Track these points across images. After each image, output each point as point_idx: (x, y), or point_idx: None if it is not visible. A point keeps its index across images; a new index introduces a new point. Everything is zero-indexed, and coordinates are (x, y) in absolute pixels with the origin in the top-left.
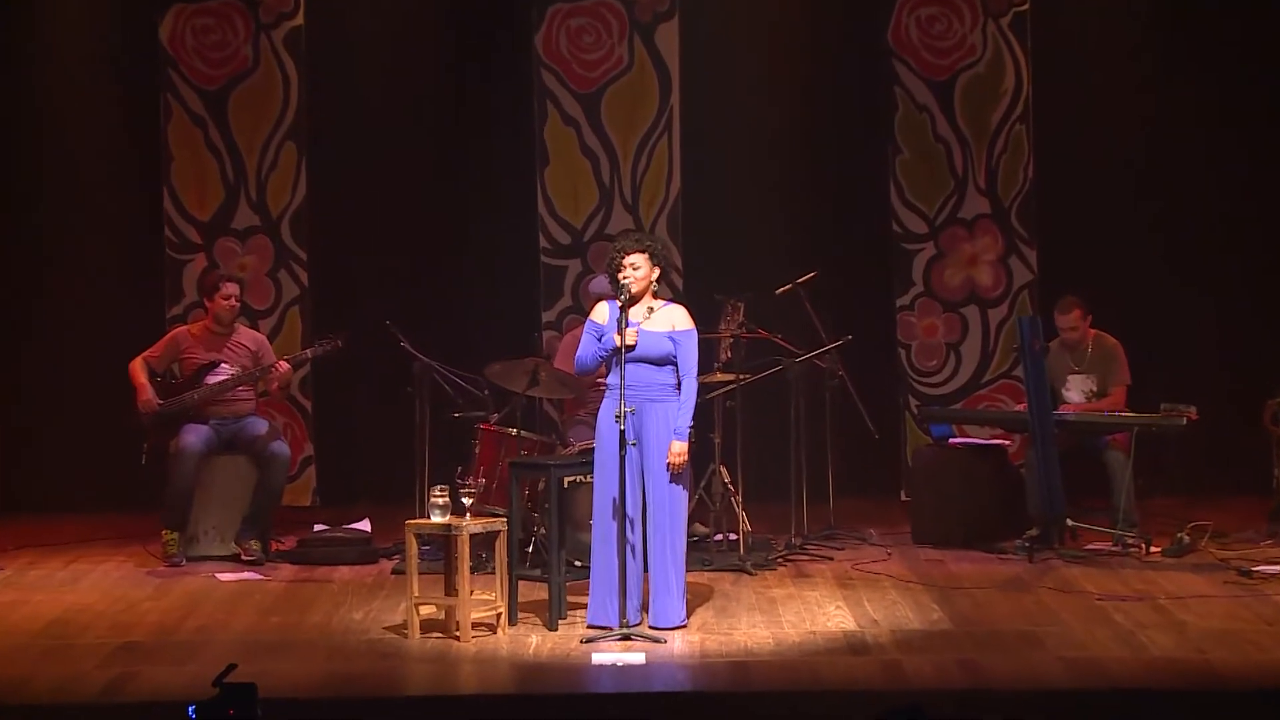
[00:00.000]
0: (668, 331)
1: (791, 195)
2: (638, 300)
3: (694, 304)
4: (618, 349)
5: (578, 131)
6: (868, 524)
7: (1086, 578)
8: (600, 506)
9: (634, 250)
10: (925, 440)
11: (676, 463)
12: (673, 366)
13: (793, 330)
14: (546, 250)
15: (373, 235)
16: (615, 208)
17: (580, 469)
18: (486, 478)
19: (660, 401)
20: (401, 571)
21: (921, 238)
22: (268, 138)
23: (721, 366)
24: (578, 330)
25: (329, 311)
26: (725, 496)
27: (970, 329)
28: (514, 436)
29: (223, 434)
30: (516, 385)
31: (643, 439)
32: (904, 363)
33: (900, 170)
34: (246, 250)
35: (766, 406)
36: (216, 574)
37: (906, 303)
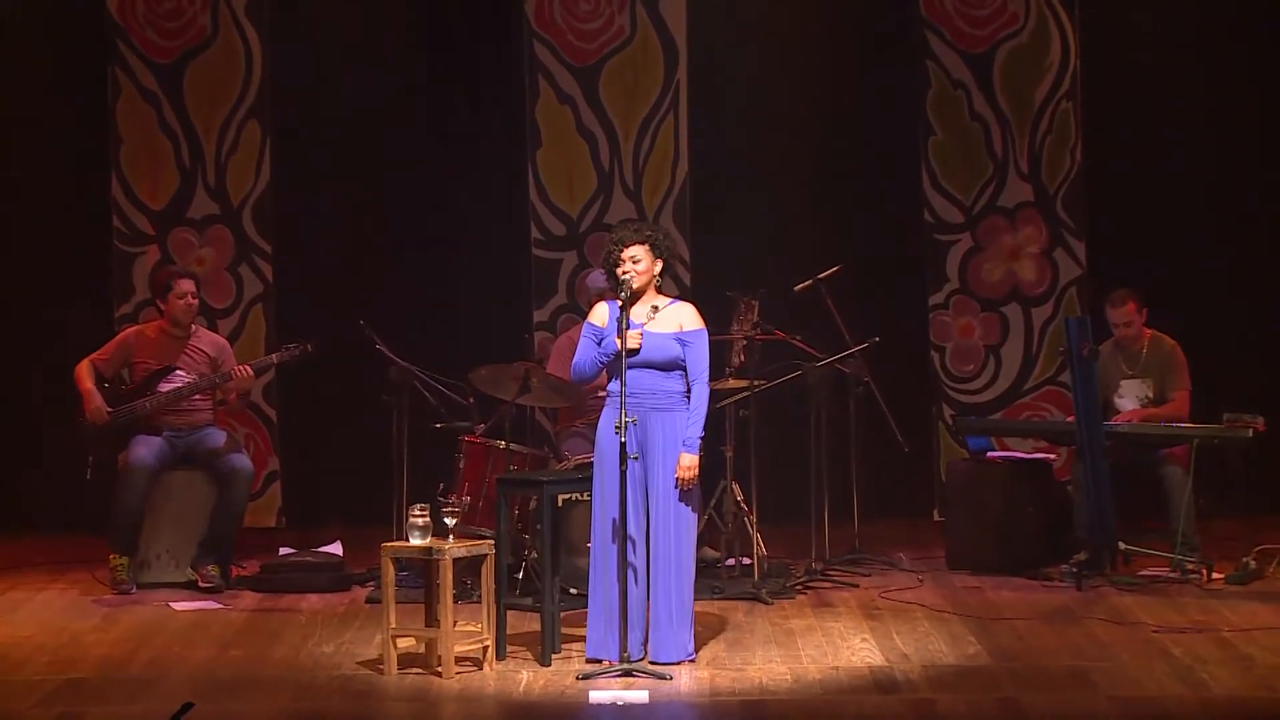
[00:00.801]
0: (674, 333)
1: (812, 181)
2: (640, 298)
3: (703, 302)
4: (619, 353)
5: (573, 110)
6: (897, 547)
7: (1141, 607)
8: (599, 528)
9: (634, 241)
10: (961, 454)
11: (686, 477)
12: (680, 372)
13: (813, 331)
14: (539, 242)
15: (345, 226)
16: (615, 194)
17: (577, 486)
18: (472, 495)
19: (666, 410)
20: (377, 600)
21: (957, 228)
22: (228, 117)
23: (734, 372)
24: (573, 331)
25: (296, 310)
26: (738, 517)
27: (1011, 330)
28: (502, 450)
29: (178, 446)
30: (505, 392)
31: (647, 452)
32: (937, 367)
33: (933, 153)
34: (204, 242)
35: (784, 416)
36: (170, 603)
37: (940, 301)
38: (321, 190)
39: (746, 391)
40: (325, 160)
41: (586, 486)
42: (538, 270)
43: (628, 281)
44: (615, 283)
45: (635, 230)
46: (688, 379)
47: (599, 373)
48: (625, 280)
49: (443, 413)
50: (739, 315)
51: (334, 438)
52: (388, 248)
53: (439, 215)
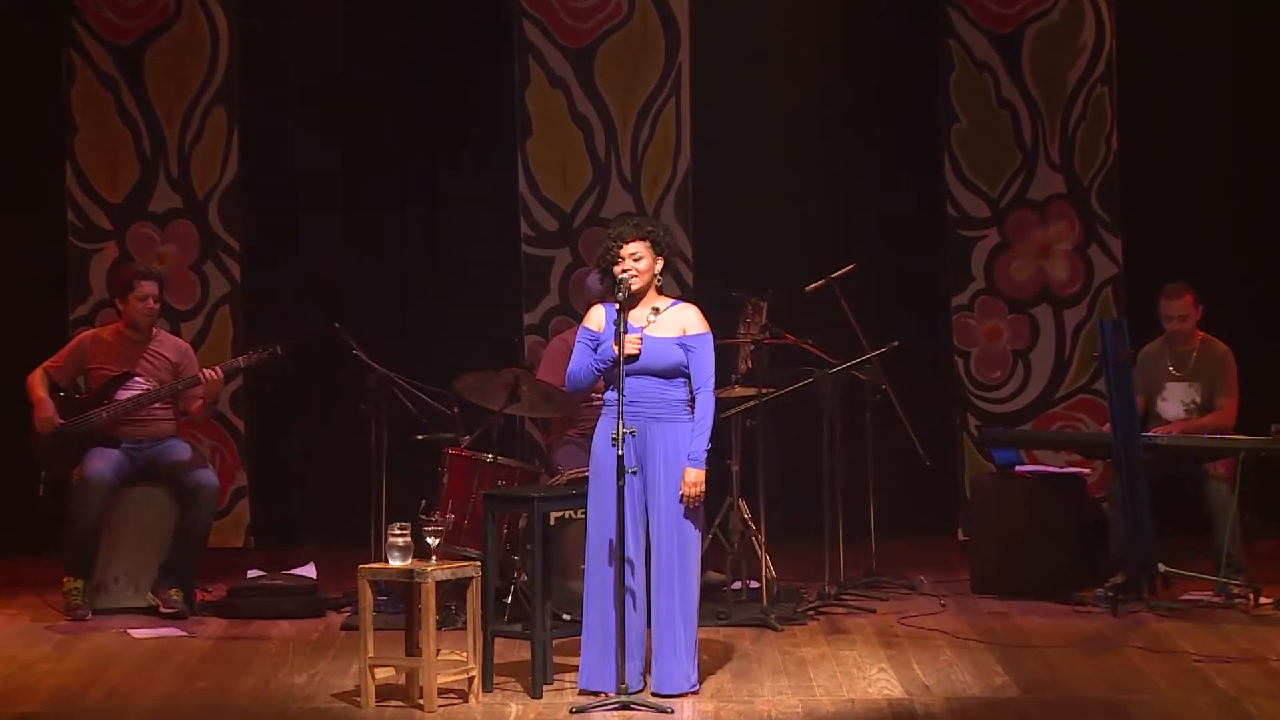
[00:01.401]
0: (677, 337)
1: (825, 171)
2: (639, 300)
3: (707, 303)
4: (617, 360)
5: (567, 95)
6: (917, 569)
7: (1182, 634)
8: (594, 548)
9: (634, 237)
10: (987, 468)
11: (692, 494)
12: (683, 379)
13: (826, 335)
14: (529, 238)
15: (320, 221)
16: (612, 187)
17: (570, 503)
18: (456, 513)
19: (669, 421)
20: (354, 627)
21: (983, 223)
22: (192, 102)
23: (740, 379)
24: (567, 334)
25: (266, 312)
26: (745, 536)
27: (1042, 333)
28: (489, 463)
29: (137, 460)
30: (493, 401)
31: (647, 466)
32: (961, 374)
33: (957, 142)
34: (167, 238)
35: (795, 427)
36: (129, 629)
37: (965, 302)
38: (294, 182)
39: (754, 400)
40: (298, 150)
41: (581, 503)
42: (528, 269)
43: (627, 281)
44: (612, 283)
45: (635, 225)
46: (691, 387)
47: (595, 381)
48: (624, 280)
49: (425, 423)
50: (746, 317)
51: (307, 451)
52: (366, 245)
53: (421, 210)
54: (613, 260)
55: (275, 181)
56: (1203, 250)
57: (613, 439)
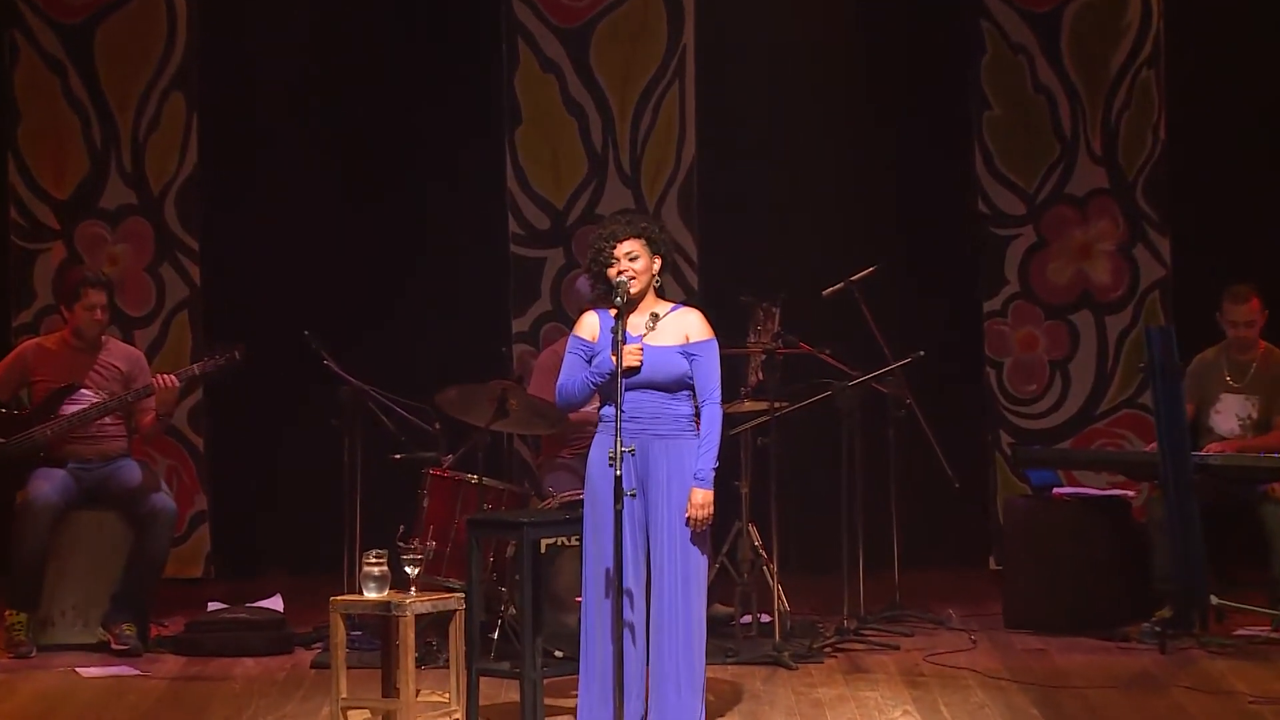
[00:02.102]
0: (679, 345)
1: (844, 165)
2: (637, 305)
3: (713, 309)
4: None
5: (560, 80)
6: (945, 602)
7: (1236, 673)
8: (591, 578)
9: (628, 235)
10: (1022, 490)
11: (700, 517)
12: (688, 391)
13: (845, 344)
14: (518, 238)
15: (287, 218)
16: (609, 181)
17: (563, 529)
18: (438, 540)
19: (672, 438)
20: (325, 665)
21: (1017, 220)
22: (147, 87)
23: (750, 392)
24: (559, 344)
25: (228, 319)
26: (756, 565)
27: (1082, 342)
28: (474, 485)
29: (86, 481)
30: (478, 417)
31: (648, 488)
32: (994, 387)
33: (989, 131)
34: (119, 238)
35: (810, 445)
36: (78, 668)
37: (997, 307)
38: (259, 176)
39: (766, 416)
40: (263, 140)
41: (576, 529)
42: (517, 271)
43: (624, 285)
44: (606, 288)
45: (628, 222)
46: (696, 400)
47: (590, 396)
48: (622, 284)
49: (403, 441)
50: (756, 325)
51: (273, 471)
52: (338, 245)
53: (399, 207)
54: (606, 262)
55: (239, 175)
56: (1258, 251)
57: (610, 459)
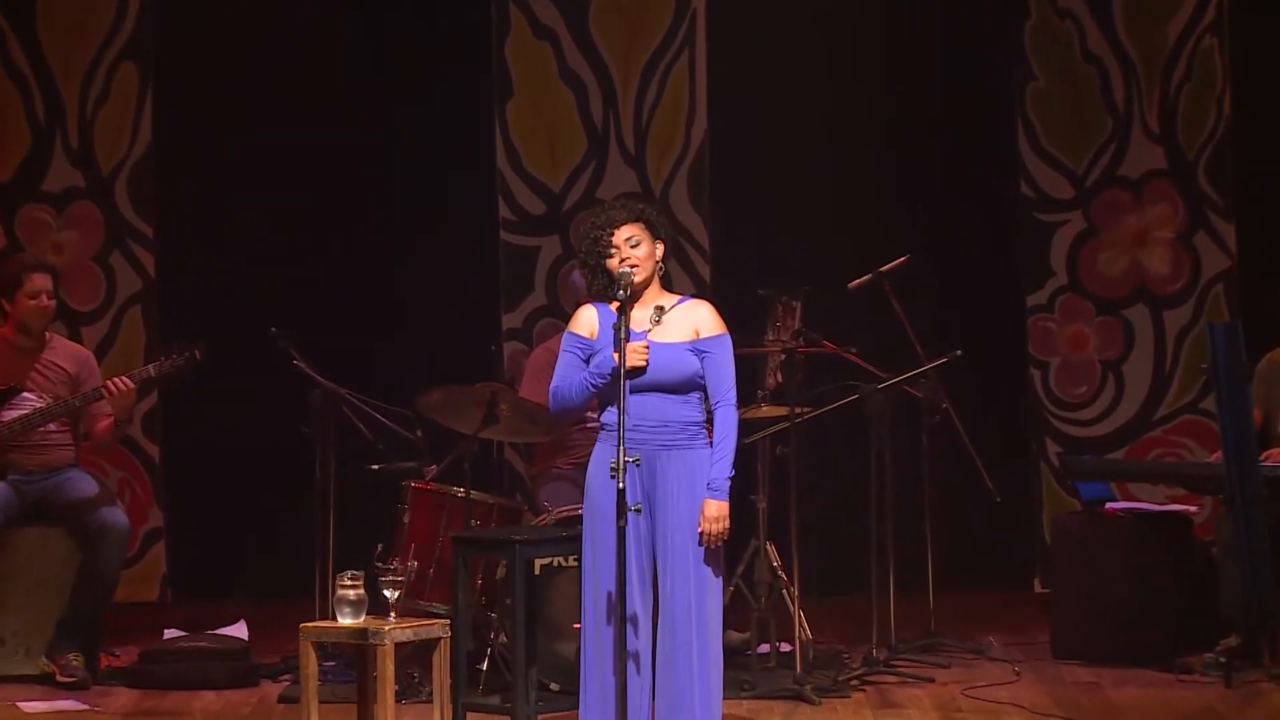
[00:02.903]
0: (689, 341)
1: (871, 143)
2: (640, 297)
3: (727, 303)
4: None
5: (555, 48)
6: (985, 629)
7: None
8: (590, 602)
9: (626, 220)
10: (1071, 505)
11: (714, 531)
12: (699, 393)
13: (874, 342)
14: (509, 224)
15: (253, 202)
16: (611, 160)
17: (560, 547)
18: (420, 560)
19: (682, 446)
20: (294, 699)
21: (1065, 205)
22: (96, 56)
23: (769, 396)
24: (554, 342)
25: (186, 314)
26: (774, 588)
27: (1138, 340)
28: (460, 499)
29: (28, 495)
30: (465, 423)
31: (655, 502)
32: (1039, 390)
33: (1034, 106)
34: (65, 224)
35: (835, 455)
36: (19, 702)
37: (1043, 301)
38: (220, 154)
39: (786, 422)
40: (227, 115)
41: (574, 548)
42: (508, 261)
43: (628, 275)
44: (605, 281)
45: (623, 206)
46: (708, 402)
47: (588, 400)
48: (626, 274)
49: (382, 450)
50: (775, 321)
51: (236, 483)
52: (310, 232)
53: (375, 189)
54: (604, 253)
55: (199, 154)
56: None
57: (612, 470)
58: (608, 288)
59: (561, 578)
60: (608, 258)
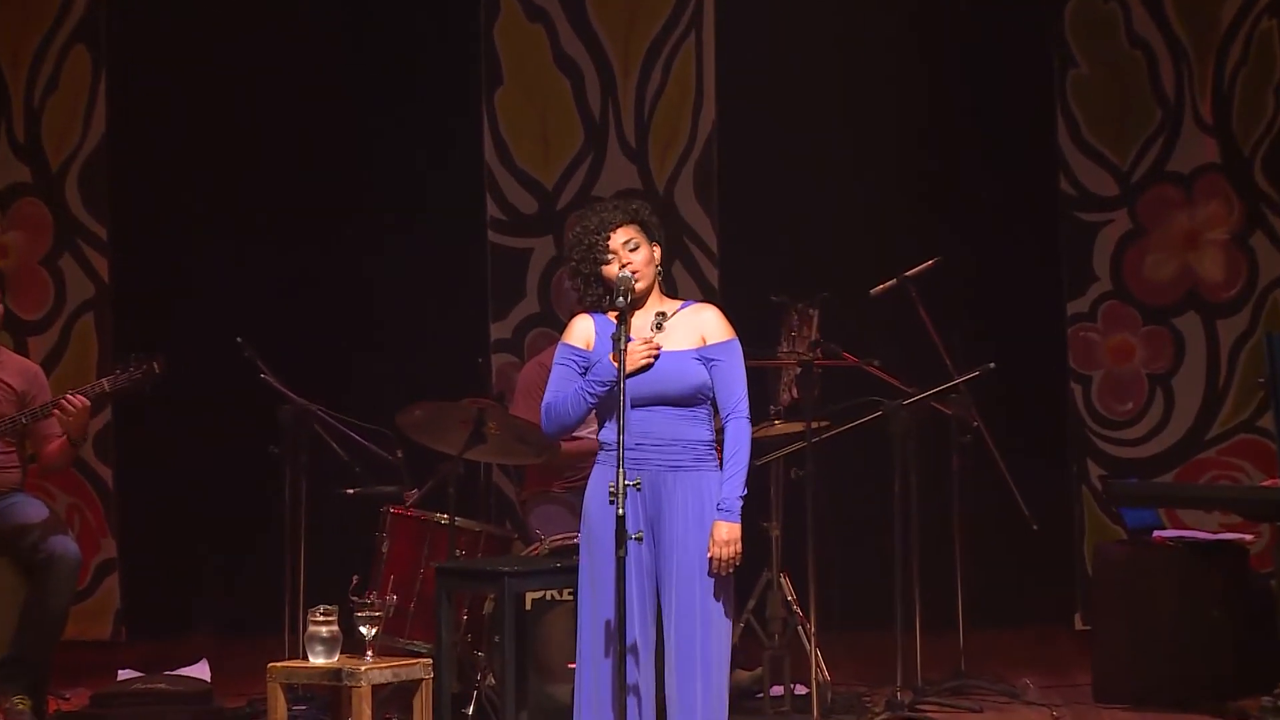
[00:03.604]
0: (696, 349)
1: (896, 135)
2: (641, 304)
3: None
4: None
5: (549, 31)
6: (1020, 669)
7: None
8: (588, 640)
9: (622, 222)
10: (1116, 533)
11: (724, 556)
12: (706, 407)
13: (898, 354)
14: (498, 224)
15: (216, 200)
16: (610, 154)
17: (553, 580)
18: (400, 593)
19: (688, 468)
20: None
21: (1109, 203)
22: (44, 41)
23: (783, 413)
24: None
25: (144, 323)
26: (789, 624)
27: (1188, 351)
28: (444, 526)
29: None
30: (449, 443)
31: (660, 529)
32: (1080, 406)
33: (1074, 94)
34: (9, 224)
35: (856, 478)
36: None
37: (1084, 309)
38: (180, 148)
39: (801, 442)
40: (187, 104)
41: (569, 581)
42: (497, 265)
43: (629, 281)
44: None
45: (616, 207)
46: (717, 416)
47: (584, 415)
48: (626, 280)
49: (358, 472)
50: (791, 330)
51: (198, 509)
52: (278, 233)
53: (351, 186)
54: (599, 259)
55: (156, 147)
56: None
57: (611, 494)
58: (603, 297)
59: (555, 613)
60: (604, 264)
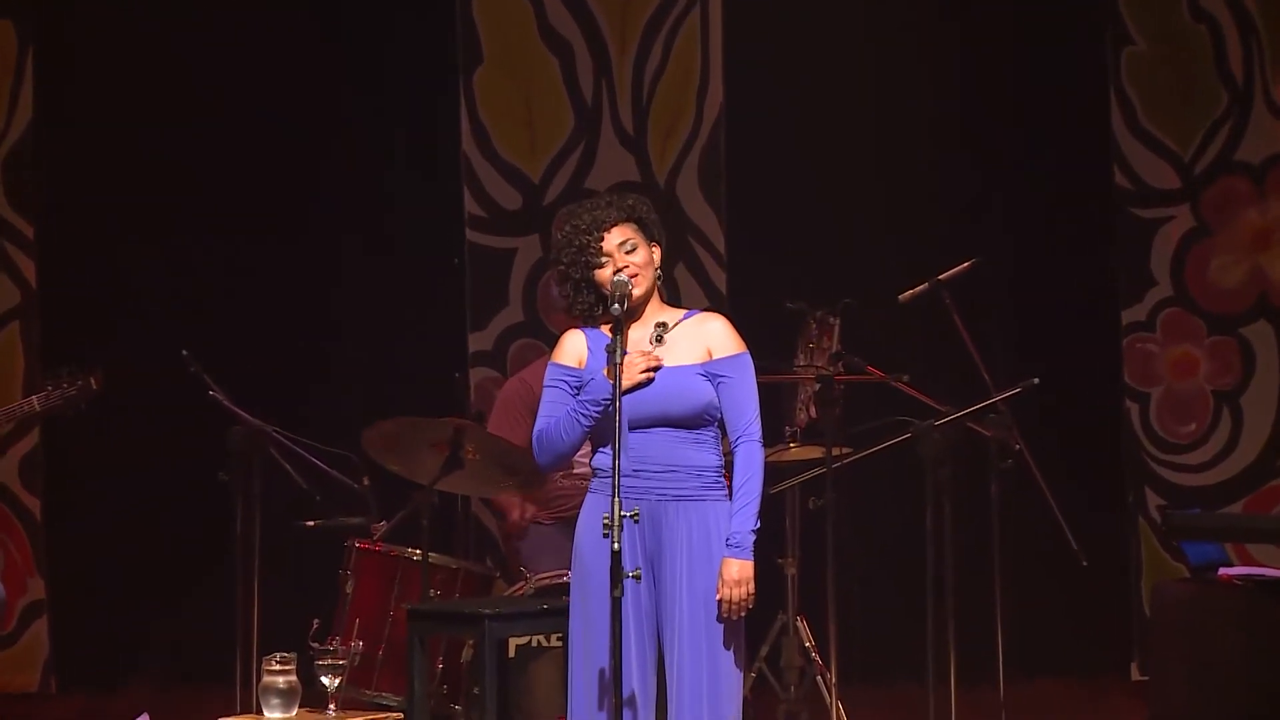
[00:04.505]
0: (701, 364)
1: (928, 122)
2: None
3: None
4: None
5: (535, 2)
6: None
7: None
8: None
9: (617, 220)
10: (1177, 570)
11: (735, 598)
12: (714, 430)
13: (930, 369)
14: (477, 222)
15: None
16: (603, 142)
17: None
18: (366, 639)
19: (693, 497)
20: None
21: (1170, 198)
22: None
23: (799, 435)
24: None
25: (75, 333)
26: (806, 674)
27: (1259, 365)
28: (416, 562)
29: None
30: (421, 469)
31: (661, 567)
32: (1136, 427)
33: (1130, 76)
34: None
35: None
36: None
37: (1142, 317)
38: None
39: (821, 468)
40: (126, 88)
41: (558, 624)
42: (476, 267)
43: (627, 286)
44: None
45: (609, 204)
46: (725, 439)
47: (579, 440)
48: (623, 284)
49: (319, 501)
50: (808, 341)
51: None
52: (230, 232)
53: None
54: (591, 262)
55: (91, 136)
56: None
57: (605, 527)
58: (595, 306)
59: (542, 661)
60: (596, 268)
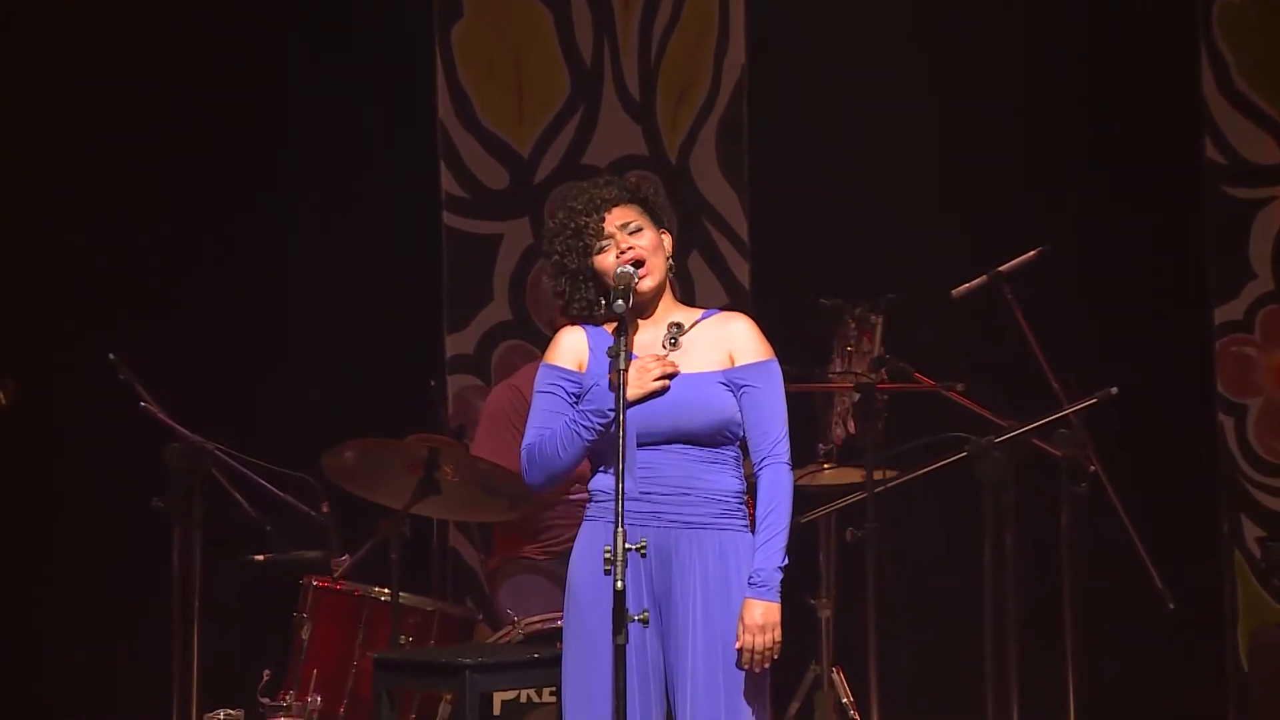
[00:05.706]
0: (722, 371)
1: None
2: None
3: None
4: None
5: None
6: None
7: None
8: None
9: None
10: (1279, 612)
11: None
12: (735, 449)
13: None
14: (456, 203)
15: (86, 176)
16: (604, 111)
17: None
18: (326, 692)
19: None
20: None
21: (1272, 175)
22: None
23: (835, 455)
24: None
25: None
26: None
27: None
28: (384, 603)
29: None
30: (391, 494)
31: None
32: (1233, 445)
33: (1223, 31)
34: None
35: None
36: None
37: (1237, 316)
38: (41, 107)
39: (861, 492)
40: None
41: (550, 677)
42: (454, 255)
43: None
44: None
45: (609, 182)
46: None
47: (579, 458)
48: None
49: (269, 531)
50: (847, 344)
51: (59, 582)
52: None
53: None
54: (590, 247)
55: (14, 111)
56: None
57: (606, 561)
58: (596, 301)
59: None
60: (596, 254)
